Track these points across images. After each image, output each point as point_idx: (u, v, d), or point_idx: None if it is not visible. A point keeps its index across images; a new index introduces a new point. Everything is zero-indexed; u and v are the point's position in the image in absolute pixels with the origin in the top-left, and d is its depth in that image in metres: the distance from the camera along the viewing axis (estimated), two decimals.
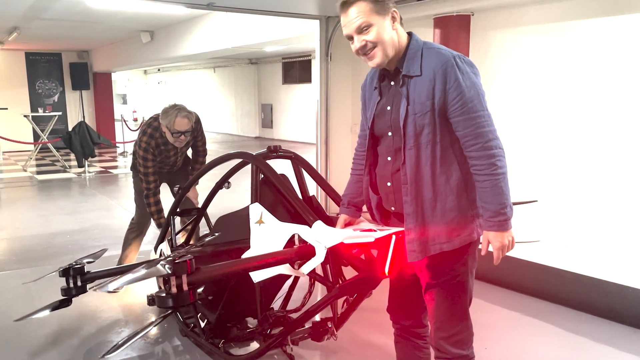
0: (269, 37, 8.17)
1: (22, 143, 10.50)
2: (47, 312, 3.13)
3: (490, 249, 1.86)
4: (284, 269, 2.25)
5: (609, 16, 3.38)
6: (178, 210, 3.30)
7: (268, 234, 2.39)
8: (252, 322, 2.98)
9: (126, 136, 13.02)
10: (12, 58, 13.81)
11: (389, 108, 1.92)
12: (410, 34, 1.91)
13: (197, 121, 3.83)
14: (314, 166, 6.07)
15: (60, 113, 12.18)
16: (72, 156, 10.25)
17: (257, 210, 2.46)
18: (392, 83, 1.92)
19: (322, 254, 2.11)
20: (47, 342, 3.21)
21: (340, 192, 2.63)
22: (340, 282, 2.45)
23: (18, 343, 3.18)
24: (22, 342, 3.18)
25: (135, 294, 3.92)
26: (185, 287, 1.86)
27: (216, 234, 2.65)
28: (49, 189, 8.76)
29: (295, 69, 15.92)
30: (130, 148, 13.62)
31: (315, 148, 6.06)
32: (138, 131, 4.40)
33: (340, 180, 5.98)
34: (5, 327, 3.34)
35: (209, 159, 3.47)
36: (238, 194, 3.48)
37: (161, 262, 1.87)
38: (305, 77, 15.32)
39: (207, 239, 2.45)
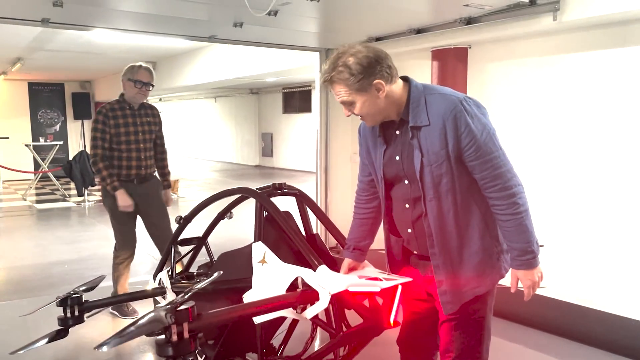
0: (269, 68, 8.29)
1: (22, 172, 10.53)
2: (43, 343, 3.09)
3: (520, 286, 1.85)
4: (287, 312, 2.25)
5: (602, 49, 3.45)
6: (179, 239, 3.30)
7: (271, 274, 2.37)
8: (252, 356, 2.93)
9: None
10: (15, 88, 13.95)
11: (397, 158, 1.88)
12: (407, 80, 1.86)
13: (159, 114, 4.16)
14: (314, 194, 6.10)
15: (61, 142, 12.24)
16: (72, 185, 10.26)
17: (260, 250, 2.45)
18: (398, 132, 1.88)
19: (326, 300, 2.11)
20: None
21: (339, 222, 2.63)
22: (344, 326, 2.44)
23: None
24: None
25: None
26: (186, 335, 1.84)
27: (216, 273, 2.60)
28: (48, 218, 8.73)
29: (296, 99, 16.09)
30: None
31: (315, 177, 6.09)
32: None
33: (339, 209, 5.99)
34: (1, 359, 3.29)
35: (210, 186, 3.48)
36: (238, 222, 3.47)
37: (162, 309, 1.83)
38: (305, 107, 15.47)
39: (208, 279, 2.41)
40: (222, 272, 2.24)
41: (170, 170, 4.32)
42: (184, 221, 3.27)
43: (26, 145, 11.24)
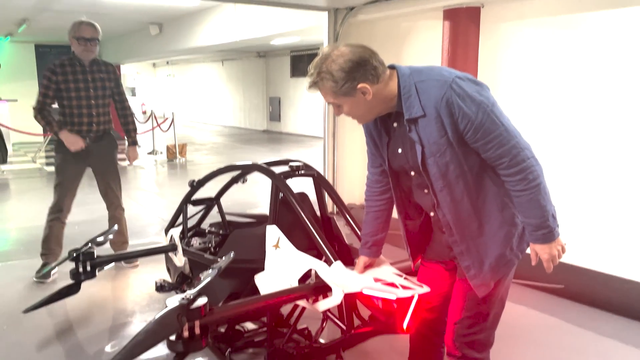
0: (277, 29, 8.14)
1: (31, 134, 10.54)
2: (56, 299, 3.15)
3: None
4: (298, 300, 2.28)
5: (620, 8, 3.33)
6: (191, 200, 3.34)
7: (284, 261, 2.37)
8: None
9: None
10: (22, 50, 13.88)
11: (400, 151, 1.83)
12: (395, 69, 1.78)
13: (115, 71, 4.15)
14: (322, 160, 6.08)
15: None
16: None
17: (274, 234, 2.44)
18: (395, 125, 1.82)
19: (339, 298, 2.12)
20: (56, 331, 3.23)
21: (347, 188, 2.61)
22: (355, 317, 2.47)
23: (27, 334, 3.20)
24: (31, 333, 3.21)
25: (143, 282, 3.94)
26: (197, 331, 1.82)
27: (225, 257, 2.57)
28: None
29: (304, 62, 15.86)
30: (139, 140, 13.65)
31: (323, 141, 6.05)
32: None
33: (347, 175, 5.97)
34: (15, 318, 3.37)
35: (218, 151, 3.48)
36: (249, 185, 3.48)
37: (173, 309, 1.78)
38: None
39: (220, 263, 2.38)
40: (233, 253, 2.22)
41: (137, 127, 4.39)
42: (197, 184, 3.31)
43: (34, 107, 11.20)
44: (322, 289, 2.20)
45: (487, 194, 1.77)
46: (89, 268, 3.08)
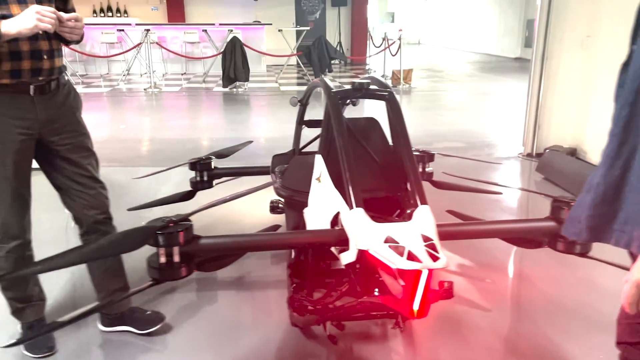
0: None
1: (272, 56, 11.50)
2: (166, 203, 3.19)
3: None
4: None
5: None
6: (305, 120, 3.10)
7: (322, 198, 2.00)
8: None
9: (371, 52, 13.10)
10: None
11: None
12: None
13: None
14: (527, 90, 4.92)
15: (308, 28, 12.84)
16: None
17: (319, 164, 2.07)
18: None
19: (353, 253, 1.65)
20: None
21: (556, 125, 1.87)
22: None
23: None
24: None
25: (263, 202, 3.80)
26: (176, 259, 1.61)
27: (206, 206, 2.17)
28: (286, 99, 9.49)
29: None
30: (373, 64, 13.74)
31: (530, 68, 4.88)
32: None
33: (555, 109, 4.71)
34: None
35: (453, 78, 3.00)
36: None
37: (147, 228, 1.61)
38: None
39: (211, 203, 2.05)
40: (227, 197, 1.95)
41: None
42: (301, 103, 3.06)
43: (279, 30, 12.11)
44: (345, 240, 1.72)
45: None
46: (206, 178, 3.15)
